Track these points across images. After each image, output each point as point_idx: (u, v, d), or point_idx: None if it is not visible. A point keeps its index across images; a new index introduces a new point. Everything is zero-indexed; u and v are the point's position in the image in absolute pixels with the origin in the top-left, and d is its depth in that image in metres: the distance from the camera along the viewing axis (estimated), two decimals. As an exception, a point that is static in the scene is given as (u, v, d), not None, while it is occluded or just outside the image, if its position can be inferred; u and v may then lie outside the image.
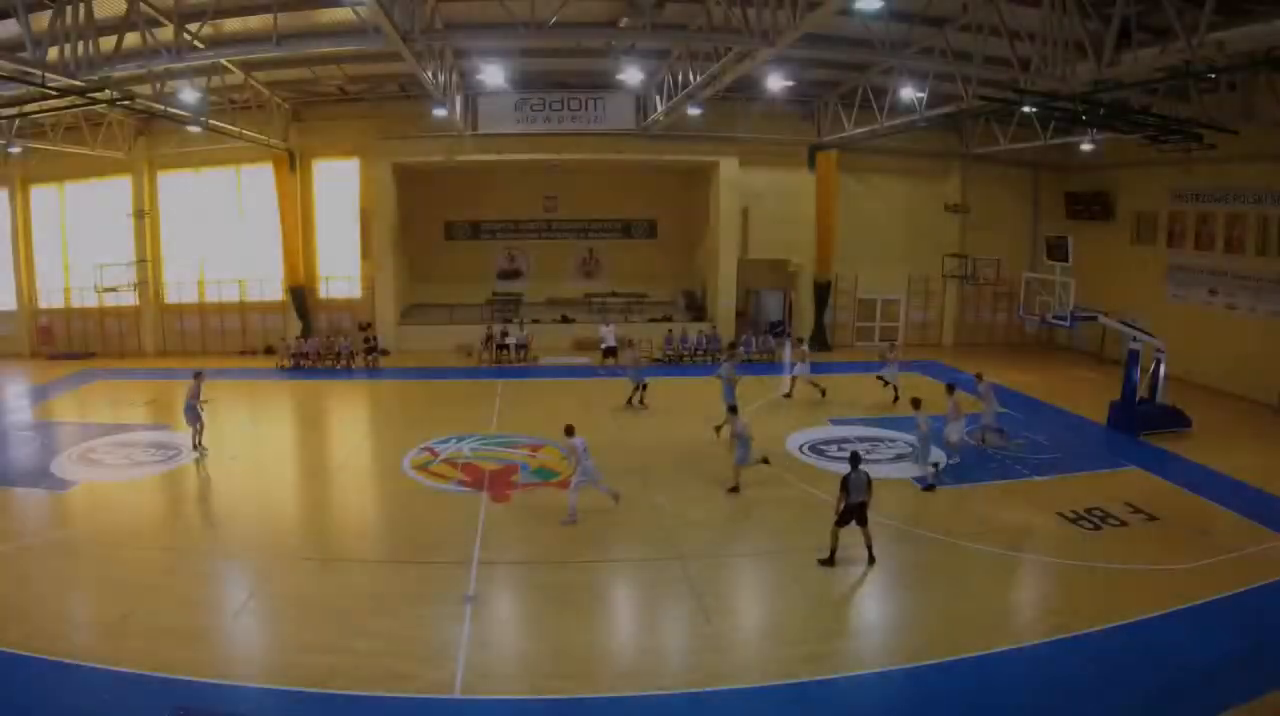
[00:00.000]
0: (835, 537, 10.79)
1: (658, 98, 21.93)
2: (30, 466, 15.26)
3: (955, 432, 15.11)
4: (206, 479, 14.89)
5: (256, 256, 26.04)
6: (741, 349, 23.98)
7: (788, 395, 19.75)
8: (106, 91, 16.28)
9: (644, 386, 18.96)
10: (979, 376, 16.51)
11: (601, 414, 18.49)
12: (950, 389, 15.53)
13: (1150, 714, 7.90)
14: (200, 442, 15.77)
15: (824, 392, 19.61)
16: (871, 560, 10.81)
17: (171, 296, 26.26)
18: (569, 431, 12.70)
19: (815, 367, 20.31)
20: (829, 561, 10.77)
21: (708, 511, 12.91)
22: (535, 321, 26.19)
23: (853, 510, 10.73)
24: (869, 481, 10.84)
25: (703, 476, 14.34)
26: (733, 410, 14.76)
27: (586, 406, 19.06)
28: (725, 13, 14.14)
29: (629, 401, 18.82)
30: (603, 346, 23.08)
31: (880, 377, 19.78)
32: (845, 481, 10.72)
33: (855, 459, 11.01)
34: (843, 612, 9.92)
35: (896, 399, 18.67)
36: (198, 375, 15.31)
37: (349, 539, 12.42)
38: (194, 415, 15.51)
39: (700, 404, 18.33)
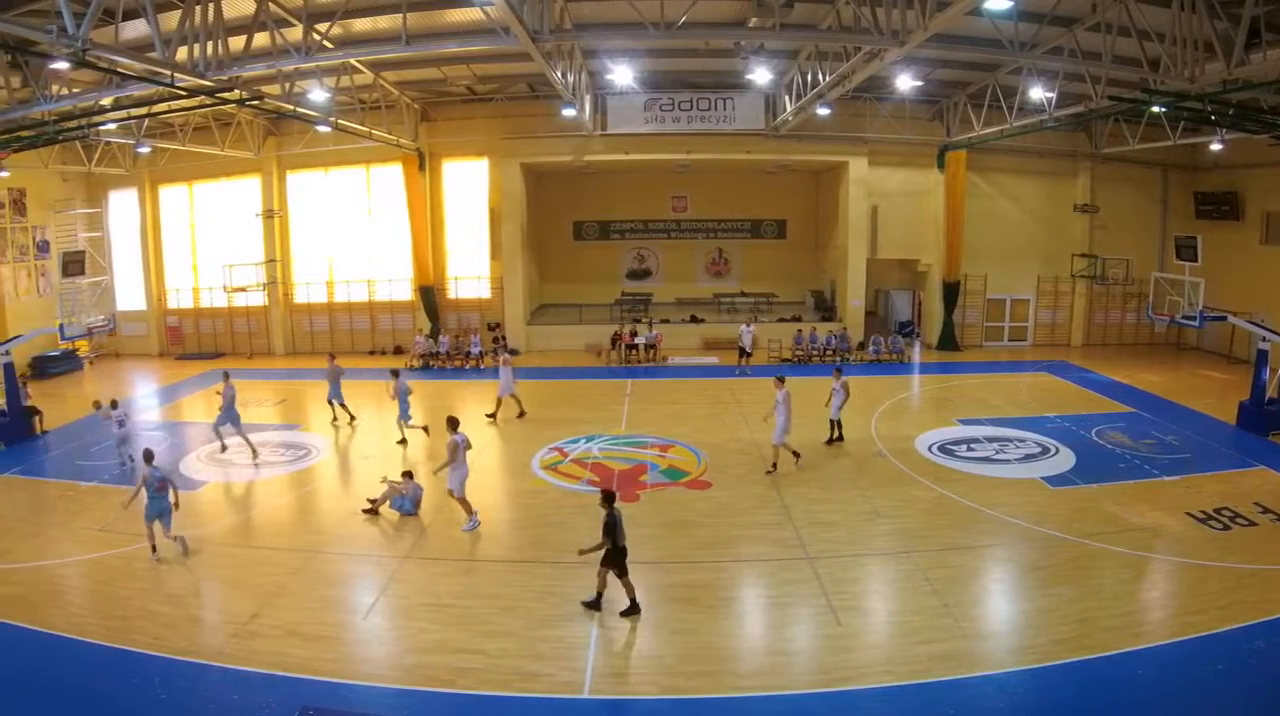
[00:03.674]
0: (605, 579, 11.16)
1: (787, 97, 25.72)
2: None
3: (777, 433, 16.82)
4: (335, 479, 17.39)
5: (385, 256, 31.28)
6: (871, 349, 28.73)
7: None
8: (236, 91, 19.00)
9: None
10: (780, 380, 17.51)
11: (731, 414, 21.48)
12: (779, 381, 17.39)
13: (1277, 714, 9.24)
14: None
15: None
16: (636, 608, 11.18)
17: (300, 296, 31.59)
18: (454, 425, 14.49)
19: (944, 368, 23.94)
20: (595, 604, 11.19)
21: (837, 511, 14.95)
22: (664, 321, 31.11)
23: (622, 555, 11.00)
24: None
25: (831, 476, 16.83)
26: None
27: (716, 406, 22.19)
28: (854, 12, 16.32)
29: None
30: (739, 346, 27.36)
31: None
32: (614, 523, 10.84)
33: (610, 497, 11.12)
34: (972, 613, 11.22)
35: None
36: None
37: (478, 539, 14.03)
38: None
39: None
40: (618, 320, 30.95)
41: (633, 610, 11.16)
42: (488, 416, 21.43)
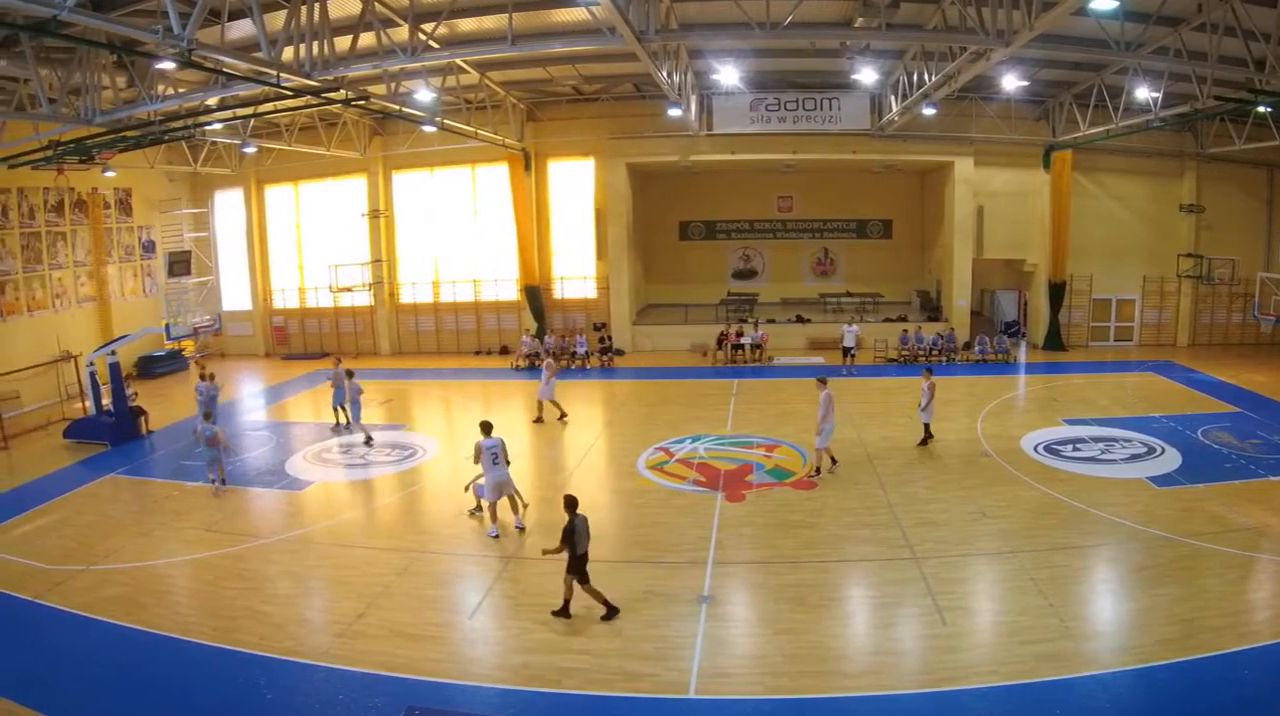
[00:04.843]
0: (571, 587, 11.73)
1: (892, 97, 26.62)
2: (265, 466, 19.17)
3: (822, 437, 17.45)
4: (440, 479, 18.13)
5: (491, 256, 32.92)
6: (976, 349, 30.58)
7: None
8: (341, 91, 19.86)
9: None
10: (822, 381, 18.23)
11: (836, 414, 21.59)
12: (821, 382, 18.08)
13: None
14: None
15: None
16: (613, 610, 11.74)
17: (406, 296, 33.26)
18: (485, 430, 14.90)
19: (1049, 368, 25.47)
20: (564, 612, 11.72)
21: (943, 511, 15.62)
22: (770, 321, 32.60)
23: (582, 562, 11.64)
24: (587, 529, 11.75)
25: (937, 476, 17.65)
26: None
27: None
28: (960, 12, 16.95)
29: None
30: (842, 346, 28.95)
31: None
32: (572, 530, 11.48)
33: (573, 503, 11.79)
34: (1078, 613, 11.75)
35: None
36: None
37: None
38: None
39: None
40: (723, 320, 32.48)
41: (610, 614, 11.67)
42: (540, 419, 22.74)
